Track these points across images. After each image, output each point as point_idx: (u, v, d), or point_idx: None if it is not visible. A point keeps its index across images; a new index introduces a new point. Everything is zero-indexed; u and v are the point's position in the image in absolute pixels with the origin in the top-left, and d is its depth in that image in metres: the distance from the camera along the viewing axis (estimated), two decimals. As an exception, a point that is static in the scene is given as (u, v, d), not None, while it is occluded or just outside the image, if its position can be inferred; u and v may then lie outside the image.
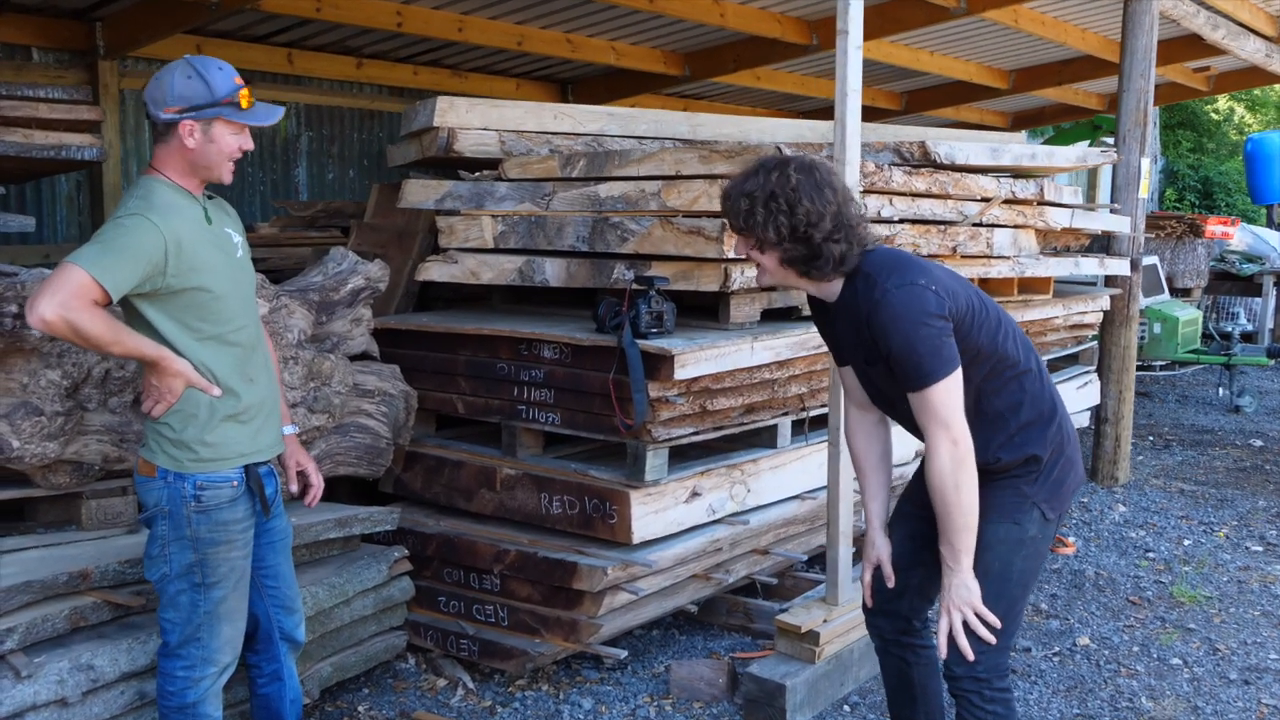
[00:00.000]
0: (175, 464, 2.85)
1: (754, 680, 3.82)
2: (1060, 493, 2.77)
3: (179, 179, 2.83)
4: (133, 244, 2.66)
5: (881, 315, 2.55)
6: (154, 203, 2.75)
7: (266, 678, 3.25)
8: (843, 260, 2.59)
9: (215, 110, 2.77)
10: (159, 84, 2.75)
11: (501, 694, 4.05)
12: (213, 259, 2.83)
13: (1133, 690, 4.07)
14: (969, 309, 2.64)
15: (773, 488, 4.40)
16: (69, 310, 2.54)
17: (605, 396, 3.80)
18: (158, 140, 2.83)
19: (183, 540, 2.87)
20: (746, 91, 9.92)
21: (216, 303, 2.84)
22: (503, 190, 4.26)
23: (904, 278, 2.56)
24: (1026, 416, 2.73)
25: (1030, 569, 2.76)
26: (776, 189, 2.55)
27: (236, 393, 2.91)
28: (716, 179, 3.86)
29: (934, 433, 2.58)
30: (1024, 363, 2.74)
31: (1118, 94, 6.76)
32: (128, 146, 6.73)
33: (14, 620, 3.02)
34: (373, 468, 4.18)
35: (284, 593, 3.22)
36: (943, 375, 2.54)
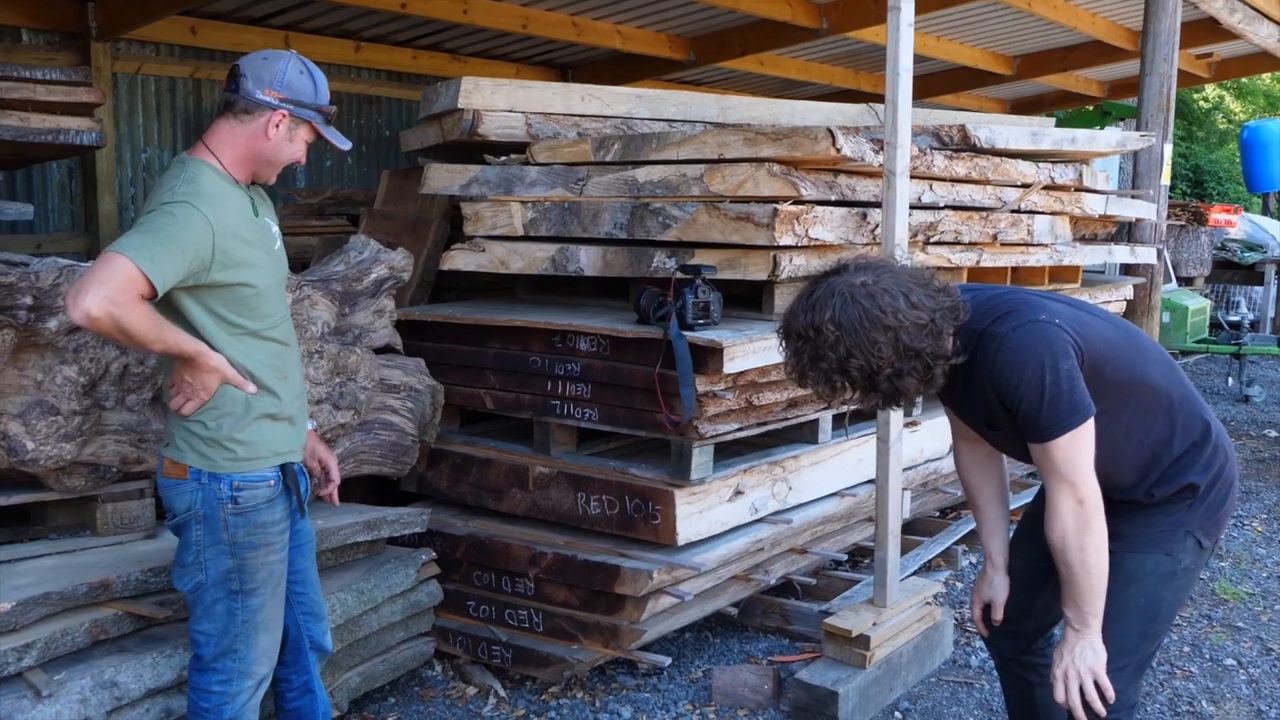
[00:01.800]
0: (209, 464, 2.68)
1: (804, 687, 3.66)
2: (1217, 517, 2.51)
3: (231, 166, 2.68)
4: (181, 235, 2.49)
5: (1003, 362, 2.30)
6: (202, 189, 2.58)
7: (296, 691, 3.08)
8: (929, 380, 2.31)
9: (311, 114, 2.70)
10: (268, 65, 2.64)
11: (535, 702, 3.87)
12: (256, 254, 2.69)
13: (1191, 694, 3.93)
14: (1101, 340, 2.38)
15: (813, 485, 4.23)
16: (116, 306, 2.37)
17: (648, 391, 3.62)
18: (228, 117, 2.66)
19: (220, 545, 2.71)
20: (747, 77, 9.74)
21: (257, 298, 2.70)
22: (533, 175, 4.06)
23: (1022, 317, 2.32)
24: (1179, 448, 2.48)
25: (1179, 602, 2.53)
26: (819, 347, 2.25)
27: (274, 391, 2.76)
28: (763, 162, 3.67)
29: (1057, 489, 2.34)
30: (1170, 388, 2.48)
31: (1140, 78, 6.62)
32: (121, 132, 6.47)
33: (32, 635, 2.83)
34: (398, 466, 3.98)
35: (311, 599, 3.07)
36: (1072, 425, 2.28)
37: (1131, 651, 2.48)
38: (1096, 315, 2.48)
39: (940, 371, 2.32)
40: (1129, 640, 2.46)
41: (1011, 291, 2.48)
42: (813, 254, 3.85)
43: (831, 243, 3.85)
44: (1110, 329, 2.45)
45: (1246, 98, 21.74)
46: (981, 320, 2.37)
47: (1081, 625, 2.39)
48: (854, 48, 8.90)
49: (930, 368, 2.29)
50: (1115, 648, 2.44)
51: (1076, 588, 2.36)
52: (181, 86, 6.76)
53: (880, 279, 2.28)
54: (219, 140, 2.67)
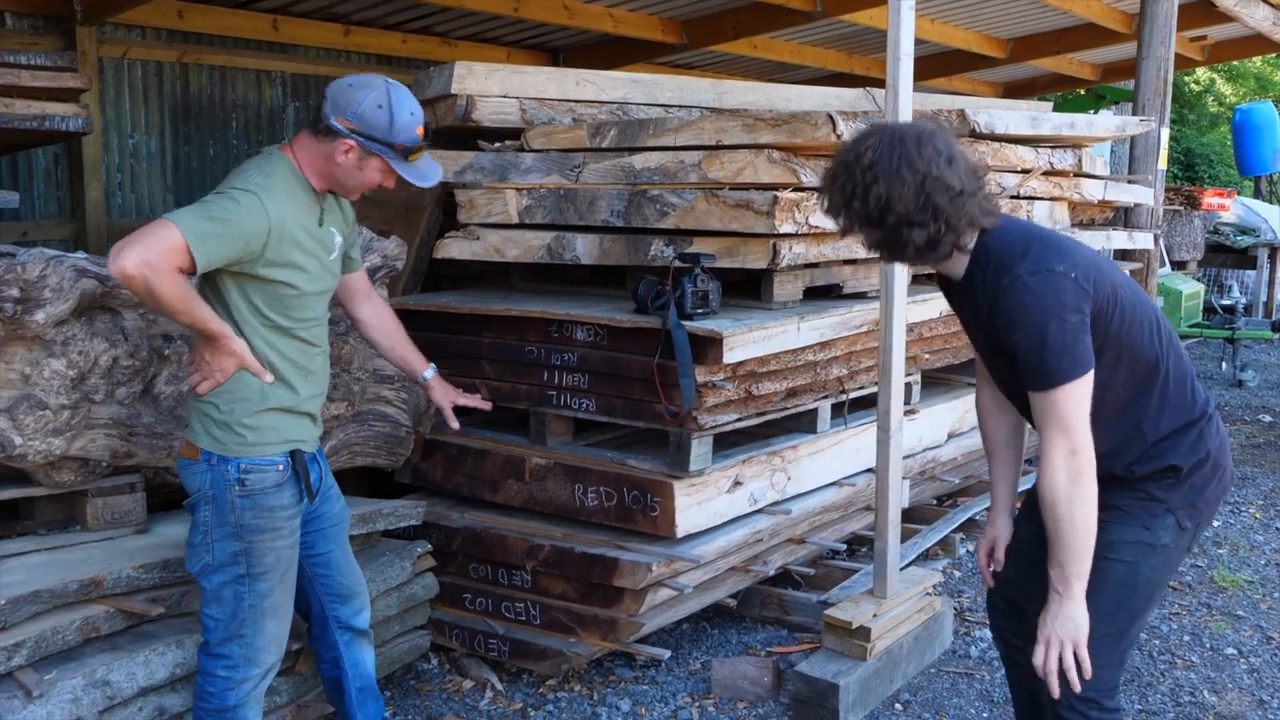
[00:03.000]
0: (219, 446, 2.72)
1: (804, 679, 3.62)
2: (1200, 501, 2.48)
3: (310, 173, 2.75)
4: (237, 222, 2.55)
5: (1009, 304, 2.28)
6: (274, 185, 2.66)
7: (327, 664, 3.18)
8: (932, 245, 2.33)
9: (382, 149, 2.71)
10: (348, 94, 2.68)
11: (532, 696, 3.83)
12: (307, 260, 2.75)
13: (1192, 683, 3.91)
14: (1113, 299, 2.35)
15: (812, 474, 4.19)
16: (153, 271, 2.42)
17: (646, 382, 3.57)
18: (312, 130, 2.73)
19: (226, 527, 2.74)
20: (740, 61, 9.66)
21: (297, 299, 2.76)
22: (528, 162, 4.00)
23: (1040, 263, 2.28)
24: (1168, 426, 2.45)
25: (1158, 580, 2.50)
26: (851, 170, 2.31)
27: (293, 386, 2.81)
28: (762, 149, 3.62)
29: (1051, 438, 2.31)
30: (1167, 363, 2.45)
31: (1136, 61, 6.57)
32: (108, 117, 6.38)
33: (22, 633, 2.77)
34: (392, 458, 3.93)
35: (338, 581, 3.10)
36: (1071, 377, 2.26)
37: (1107, 619, 2.45)
38: (1118, 278, 2.42)
39: (947, 246, 2.34)
40: (1105, 606, 2.44)
41: (1040, 230, 2.43)
42: (812, 242, 3.80)
43: (831, 230, 3.79)
44: (1127, 293, 2.40)
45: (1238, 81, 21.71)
46: (1003, 244, 2.35)
47: (1064, 587, 2.35)
48: (847, 31, 8.82)
49: (940, 234, 2.30)
50: (1090, 614, 2.43)
51: (1063, 544, 2.33)
52: (169, 71, 6.67)
53: (933, 137, 2.32)
54: (302, 147, 2.75)
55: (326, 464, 3.03)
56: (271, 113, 7.28)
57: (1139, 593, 2.47)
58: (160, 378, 3.24)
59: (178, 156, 6.77)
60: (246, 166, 2.75)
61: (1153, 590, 2.49)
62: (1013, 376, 2.42)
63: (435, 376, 3.29)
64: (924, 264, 2.44)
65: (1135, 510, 2.47)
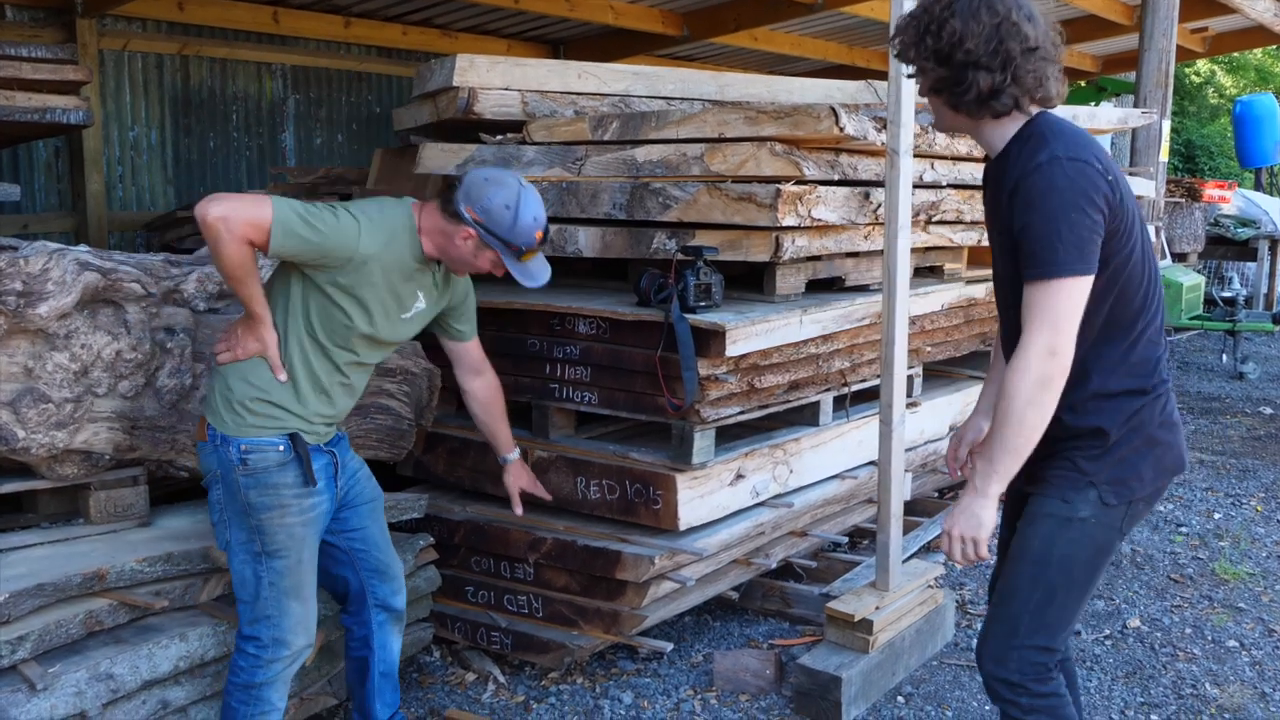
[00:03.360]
0: (223, 425, 2.82)
1: (806, 672, 3.63)
2: (1130, 478, 2.37)
3: (426, 238, 2.88)
4: (327, 233, 2.68)
5: (1038, 181, 2.19)
6: (383, 225, 2.79)
7: (357, 642, 3.24)
8: (994, 94, 2.24)
9: (498, 245, 2.84)
10: (482, 187, 2.81)
11: (535, 688, 3.83)
12: (376, 304, 2.85)
13: (1194, 676, 3.91)
14: (1129, 232, 2.28)
15: (814, 467, 4.19)
16: (227, 229, 2.58)
17: (649, 375, 3.57)
18: (441, 206, 2.86)
19: (236, 506, 2.85)
20: (740, 53, 9.67)
21: (346, 329, 2.86)
22: (530, 154, 3.99)
23: (1082, 152, 2.20)
24: (1115, 385, 2.36)
25: (1075, 557, 2.38)
26: (931, 7, 2.28)
27: (302, 396, 2.88)
28: (765, 141, 3.61)
29: (1035, 330, 2.20)
30: (1145, 324, 2.37)
31: (1139, 53, 6.58)
32: (108, 109, 6.38)
33: (26, 627, 2.78)
34: (394, 450, 3.93)
35: (375, 557, 3.18)
36: (1076, 272, 2.17)
37: (1022, 596, 2.40)
38: (1140, 224, 2.37)
39: (1008, 101, 2.26)
40: (1019, 583, 2.40)
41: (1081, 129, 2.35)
42: (815, 235, 3.80)
43: (834, 223, 3.80)
44: (1141, 241, 2.35)
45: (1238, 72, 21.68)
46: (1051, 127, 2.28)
47: (982, 483, 2.30)
48: (848, 22, 8.82)
49: (1004, 84, 2.23)
50: (1006, 589, 2.43)
51: (1001, 439, 2.26)
52: (169, 63, 6.67)
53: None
54: (428, 213, 2.88)
55: (346, 450, 3.13)
56: (272, 105, 7.28)
57: (1054, 567, 2.39)
58: (163, 371, 3.24)
59: (178, 149, 6.77)
60: (371, 200, 2.90)
61: (1071, 566, 2.39)
62: (1015, 272, 2.31)
63: (518, 461, 3.50)
64: (978, 118, 2.33)
65: (1056, 482, 2.40)
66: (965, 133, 2.44)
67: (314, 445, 2.94)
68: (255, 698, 2.89)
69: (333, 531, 3.10)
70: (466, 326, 3.25)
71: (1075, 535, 2.38)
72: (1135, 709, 3.69)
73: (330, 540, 3.11)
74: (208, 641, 3.06)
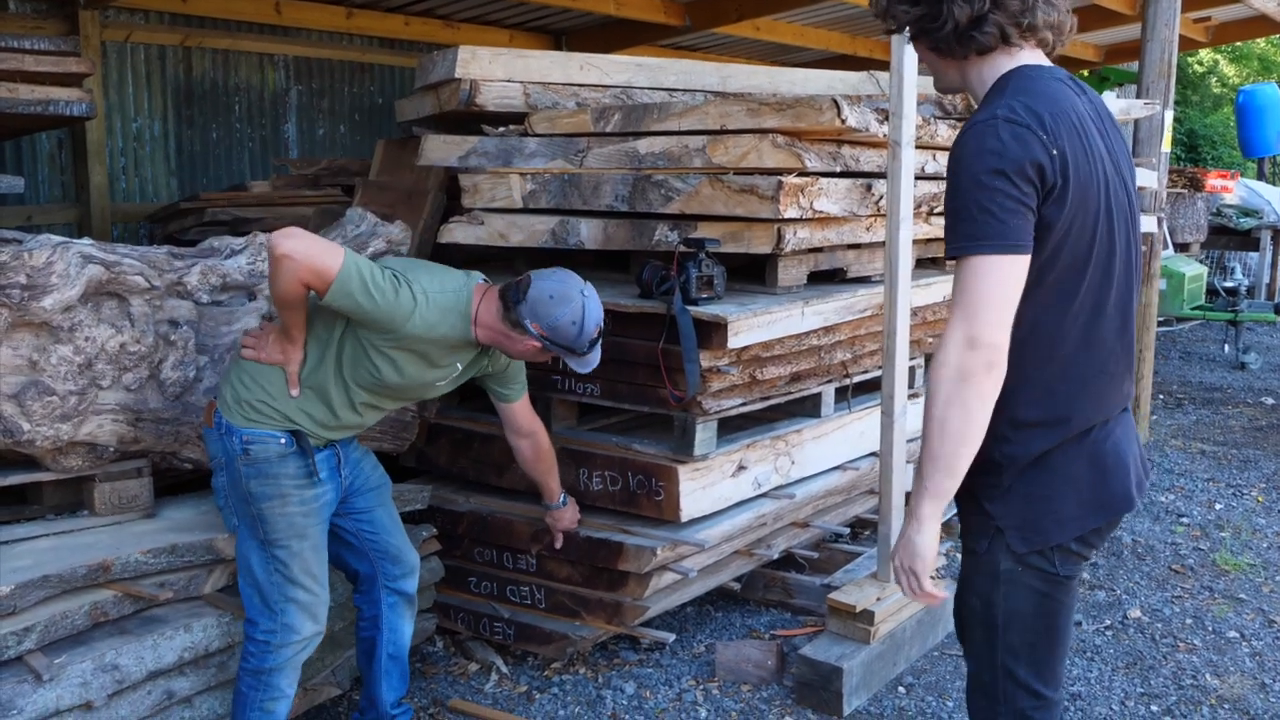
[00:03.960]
0: (230, 415, 2.90)
1: (808, 663, 3.64)
2: (1043, 521, 2.04)
3: (480, 330, 2.94)
4: (382, 306, 2.74)
5: (966, 144, 1.92)
6: (438, 306, 2.83)
7: (366, 622, 3.30)
8: (975, 23, 1.98)
9: (563, 353, 2.97)
10: (548, 308, 2.88)
11: (537, 678, 3.85)
12: (411, 369, 2.92)
13: (1195, 666, 3.93)
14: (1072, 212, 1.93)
15: (816, 458, 4.20)
16: (289, 266, 2.65)
17: (651, 367, 3.57)
18: (501, 307, 2.91)
19: (239, 494, 2.92)
20: (742, 43, 9.63)
21: (372, 380, 2.92)
22: (532, 146, 4.00)
23: (1024, 115, 1.90)
24: (1025, 412, 2.02)
25: (1020, 611, 2.09)
26: None
27: (312, 416, 2.94)
28: (767, 133, 3.61)
29: (952, 319, 1.93)
30: (1081, 338, 2.02)
31: (1141, 43, 6.56)
32: (111, 101, 6.37)
33: (32, 618, 2.79)
34: (397, 442, 3.94)
35: (384, 540, 3.24)
36: (995, 249, 1.87)
37: (986, 663, 2.17)
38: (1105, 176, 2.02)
39: (992, 33, 1.99)
40: (980, 650, 2.18)
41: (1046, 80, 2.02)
42: (816, 227, 3.80)
43: (836, 215, 3.80)
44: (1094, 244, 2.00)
45: (1241, 62, 21.63)
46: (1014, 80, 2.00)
47: (915, 504, 2.01)
48: (851, 12, 8.79)
49: (984, 10, 1.98)
50: (971, 654, 2.23)
51: (927, 449, 1.96)
52: (171, 55, 6.65)
53: None
54: (488, 307, 2.93)
55: (353, 439, 3.19)
56: (275, 96, 7.27)
57: (1004, 628, 2.12)
58: (166, 363, 3.25)
59: (181, 140, 6.76)
60: (437, 272, 2.95)
61: (1021, 624, 2.11)
62: None
63: (563, 509, 3.62)
64: (963, 58, 2.07)
65: (968, 526, 2.16)
66: (961, 88, 2.16)
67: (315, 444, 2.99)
68: (264, 684, 2.94)
69: (341, 515, 3.16)
70: (513, 390, 3.31)
71: (1009, 590, 2.10)
72: (1135, 699, 3.70)
73: (340, 524, 3.17)
74: (212, 633, 3.08)
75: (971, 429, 1.94)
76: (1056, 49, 2.14)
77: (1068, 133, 1.94)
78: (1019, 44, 2.04)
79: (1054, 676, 2.19)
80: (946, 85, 2.22)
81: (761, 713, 3.63)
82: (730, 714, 3.63)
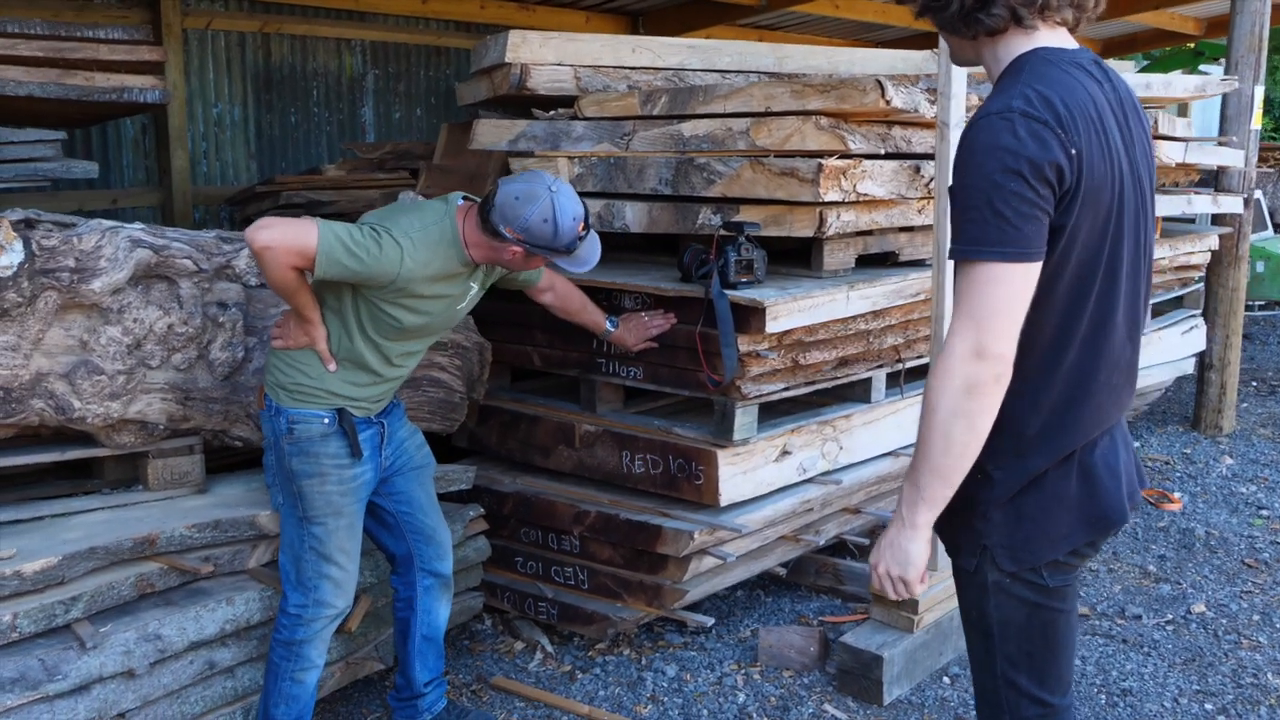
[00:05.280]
0: (277, 397, 3.00)
1: (848, 650, 3.61)
2: (1034, 540, 1.97)
3: (473, 249, 2.95)
4: (369, 261, 2.79)
5: (976, 138, 1.81)
6: (426, 241, 2.87)
7: (401, 603, 3.36)
8: (980, 5, 1.88)
9: (546, 253, 2.94)
10: (515, 208, 2.85)
11: (581, 658, 3.89)
12: (428, 305, 2.96)
13: (1257, 665, 3.80)
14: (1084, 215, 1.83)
15: (866, 444, 4.15)
16: (273, 255, 2.72)
17: (692, 350, 3.56)
18: (480, 219, 2.90)
19: (284, 471, 3.00)
20: (824, 21, 9.50)
21: (397, 331, 2.98)
22: (579, 130, 4.01)
23: (1040, 109, 1.79)
24: (1024, 427, 1.94)
25: (1013, 621, 2.03)
26: None
27: (355, 382, 3.02)
28: (810, 115, 3.57)
29: (958, 324, 1.81)
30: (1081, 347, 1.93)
31: (1230, 16, 6.30)
32: (192, 87, 6.55)
33: (80, 588, 2.91)
34: (446, 422, 4.00)
35: (420, 520, 3.30)
36: (1004, 256, 1.76)
37: (987, 670, 2.11)
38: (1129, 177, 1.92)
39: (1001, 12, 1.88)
40: (979, 655, 2.13)
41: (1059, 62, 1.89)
42: (863, 209, 3.75)
43: (882, 197, 3.74)
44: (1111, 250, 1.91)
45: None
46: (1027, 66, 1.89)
47: (908, 512, 1.94)
48: (934, -11, 8.61)
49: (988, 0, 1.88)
50: (973, 661, 2.16)
51: (924, 457, 1.88)
52: (251, 41, 6.82)
53: None
54: (470, 225, 2.94)
55: (399, 419, 3.24)
56: (351, 80, 7.40)
57: (1000, 637, 2.06)
58: (215, 344, 3.34)
59: (260, 125, 6.93)
60: (415, 210, 2.97)
61: (1017, 632, 2.05)
62: None
63: (615, 331, 3.61)
64: (973, 37, 1.96)
65: (960, 546, 2.08)
66: (978, 64, 2.03)
67: (361, 418, 3.05)
68: (295, 654, 3.04)
69: (380, 494, 3.22)
70: (531, 277, 3.37)
71: (1001, 600, 2.03)
72: (1190, 697, 3.60)
73: (379, 504, 3.24)
74: (254, 606, 3.17)
75: (975, 441, 1.86)
76: (1081, 26, 2.01)
77: (1085, 129, 1.82)
78: (1034, 24, 1.91)
79: (1058, 683, 2.12)
80: (962, 61, 2.10)
81: (801, 699, 3.62)
82: (769, 699, 3.62)
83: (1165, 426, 6.80)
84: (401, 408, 3.31)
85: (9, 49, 4.38)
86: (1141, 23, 10.71)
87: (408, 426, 3.33)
